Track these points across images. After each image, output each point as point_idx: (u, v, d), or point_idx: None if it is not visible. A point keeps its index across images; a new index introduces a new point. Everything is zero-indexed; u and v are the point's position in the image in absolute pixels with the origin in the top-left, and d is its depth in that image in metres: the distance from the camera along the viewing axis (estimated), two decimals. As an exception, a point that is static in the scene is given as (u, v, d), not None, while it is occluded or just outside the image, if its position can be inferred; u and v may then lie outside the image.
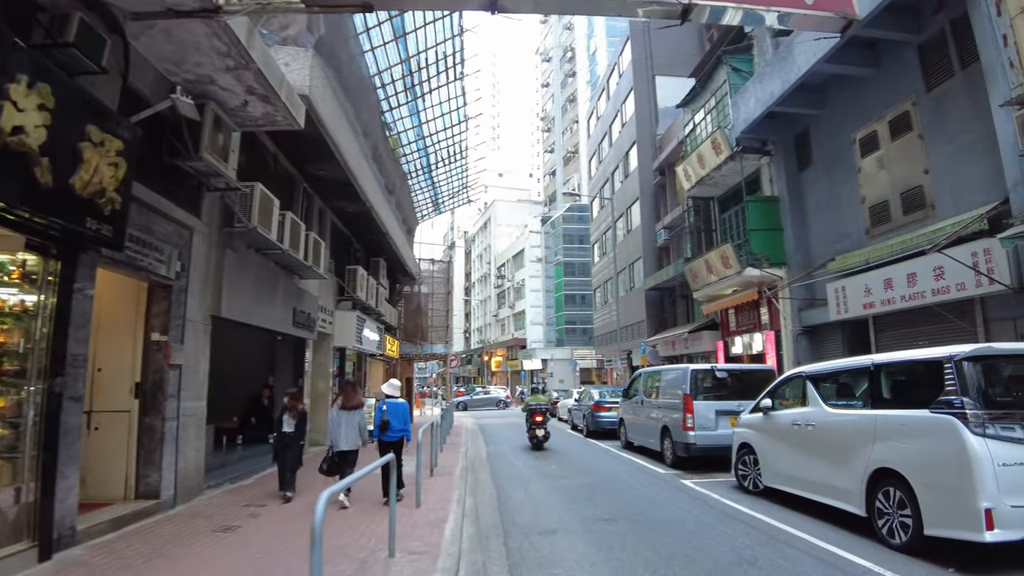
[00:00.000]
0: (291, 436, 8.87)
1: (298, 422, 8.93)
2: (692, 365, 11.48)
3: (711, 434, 10.86)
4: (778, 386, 8.43)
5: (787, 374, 8.33)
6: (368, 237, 18.02)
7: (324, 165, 12.36)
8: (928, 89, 12.48)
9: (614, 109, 34.14)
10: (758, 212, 18.21)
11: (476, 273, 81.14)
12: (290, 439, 8.86)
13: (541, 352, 54.27)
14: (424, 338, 25.67)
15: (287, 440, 8.86)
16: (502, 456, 14.16)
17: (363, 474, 5.27)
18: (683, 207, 24.58)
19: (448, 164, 22.32)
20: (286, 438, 8.87)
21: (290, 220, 10.57)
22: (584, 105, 62.83)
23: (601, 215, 36.81)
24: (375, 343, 19.09)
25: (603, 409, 17.71)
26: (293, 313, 11.85)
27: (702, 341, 22.33)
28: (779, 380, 8.43)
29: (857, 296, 13.78)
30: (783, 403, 8.28)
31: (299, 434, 8.97)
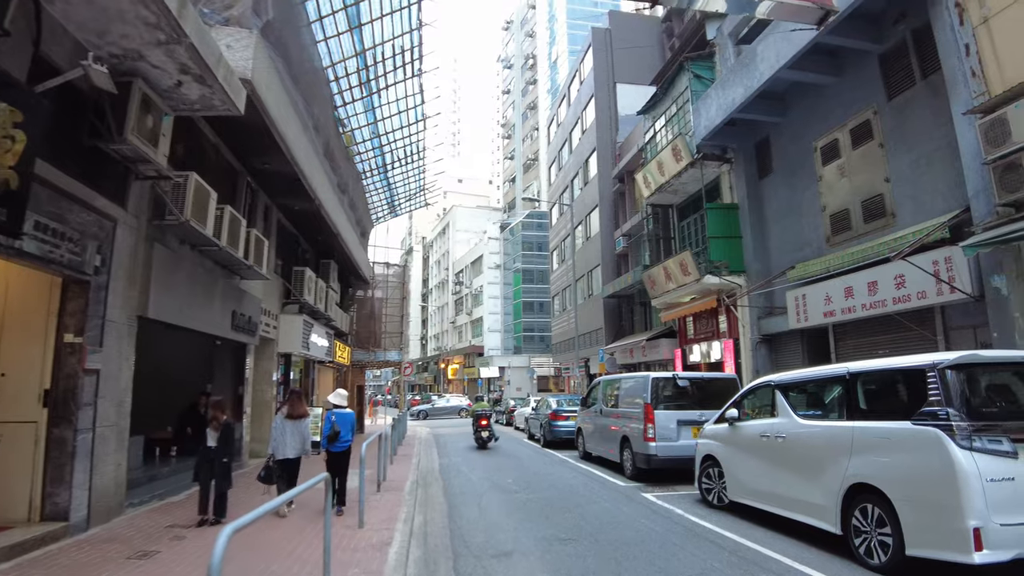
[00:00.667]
0: (215, 452, 7.71)
1: (222, 435, 7.79)
2: (653, 373, 11.10)
3: (673, 445, 10.48)
4: (744, 396, 8.07)
5: (754, 383, 7.97)
6: (318, 237, 17.20)
7: (269, 158, 11.60)
8: (889, 98, 12.48)
9: (575, 116, 33.98)
10: (717, 219, 18.09)
11: (434, 279, 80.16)
12: (214, 455, 7.70)
13: (498, 360, 53.67)
14: (377, 344, 24.78)
15: (211, 456, 7.71)
16: (456, 468, 13.53)
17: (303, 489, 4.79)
18: (642, 214, 24.43)
19: (405, 165, 21.62)
20: (209, 454, 7.74)
21: (229, 215, 9.78)
22: (545, 112, 62.86)
23: (560, 222, 36.56)
24: (324, 349, 18.21)
25: (561, 418, 17.23)
26: (232, 316, 11.03)
27: (660, 349, 22.13)
28: (745, 389, 8.07)
29: (817, 304, 13.69)
30: (750, 413, 7.92)
31: (224, 449, 7.76)
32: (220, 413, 7.87)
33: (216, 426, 7.79)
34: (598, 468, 12.76)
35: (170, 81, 7.49)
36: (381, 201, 24.97)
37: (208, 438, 7.80)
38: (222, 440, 7.77)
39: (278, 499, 4.29)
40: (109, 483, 7.74)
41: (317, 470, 6.25)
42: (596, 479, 11.34)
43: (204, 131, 10.54)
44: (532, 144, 66.34)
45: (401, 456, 15.26)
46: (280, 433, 8.32)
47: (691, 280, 18.07)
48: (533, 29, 69.61)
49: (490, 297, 58.34)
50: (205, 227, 8.91)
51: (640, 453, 10.69)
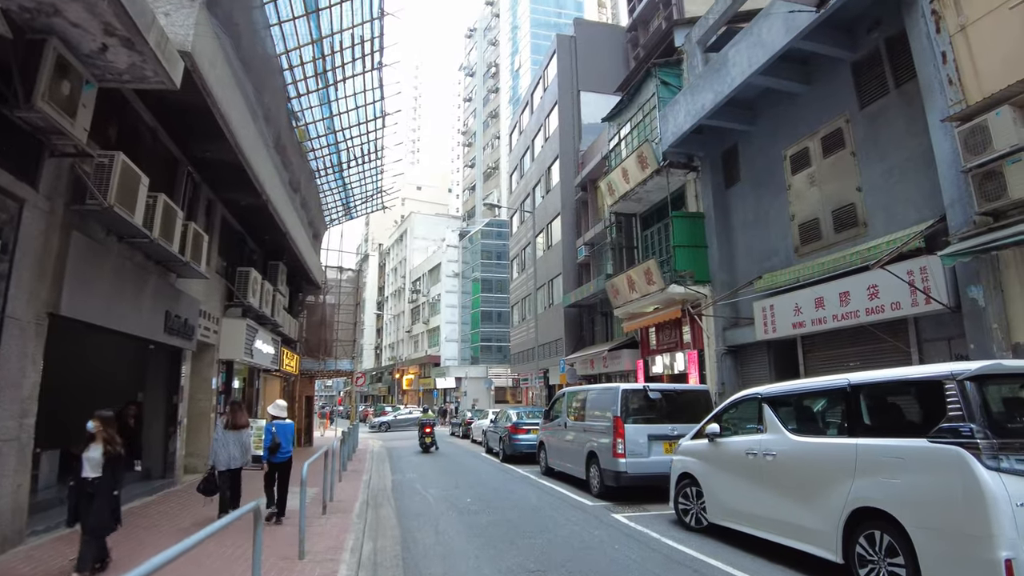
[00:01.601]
0: (96, 484, 5.89)
1: (107, 462, 5.94)
2: (622, 384, 10.50)
3: (644, 461, 9.87)
4: (726, 409, 7.50)
5: (738, 396, 7.41)
6: (266, 237, 16.12)
7: (212, 145, 10.62)
8: (862, 106, 12.30)
9: (537, 123, 33.56)
10: (683, 228, 17.73)
11: (390, 287, 78.57)
12: (95, 488, 5.88)
13: (455, 370, 52.60)
14: (328, 353, 23.59)
15: (90, 489, 5.88)
16: (410, 485, 12.63)
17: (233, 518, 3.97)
18: (605, 223, 24.05)
19: (361, 164, 20.67)
20: (87, 486, 5.88)
21: (163, 204, 8.78)
22: (506, 121, 62.57)
23: (521, 230, 36.01)
24: (269, 357, 17.07)
25: (521, 431, 16.49)
26: (166, 317, 9.97)
27: (622, 360, 21.66)
28: (728, 403, 7.50)
29: (786, 315, 13.37)
30: (732, 429, 7.35)
31: (109, 481, 5.99)
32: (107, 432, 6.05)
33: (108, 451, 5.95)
34: (562, 485, 12.06)
35: (93, 44, 6.56)
36: (336, 202, 23.92)
37: (84, 466, 5.91)
38: (108, 468, 5.96)
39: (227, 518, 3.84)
40: (5, 507, 6.64)
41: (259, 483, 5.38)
42: (561, 498, 10.64)
43: (140, 112, 9.54)
44: (493, 152, 65.90)
45: (351, 472, 14.27)
46: (222, 444, 8.26)
47: (655, 289, 17.65)
48: (496, 37, 69.37)
49: (448, 306, 57.32)
50: (133, 215, 7.91)
51: (608, 470, 10.03)
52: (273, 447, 8.41)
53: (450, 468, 15.76)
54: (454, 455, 19.64)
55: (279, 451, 8.44)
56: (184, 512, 8.86)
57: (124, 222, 7.92)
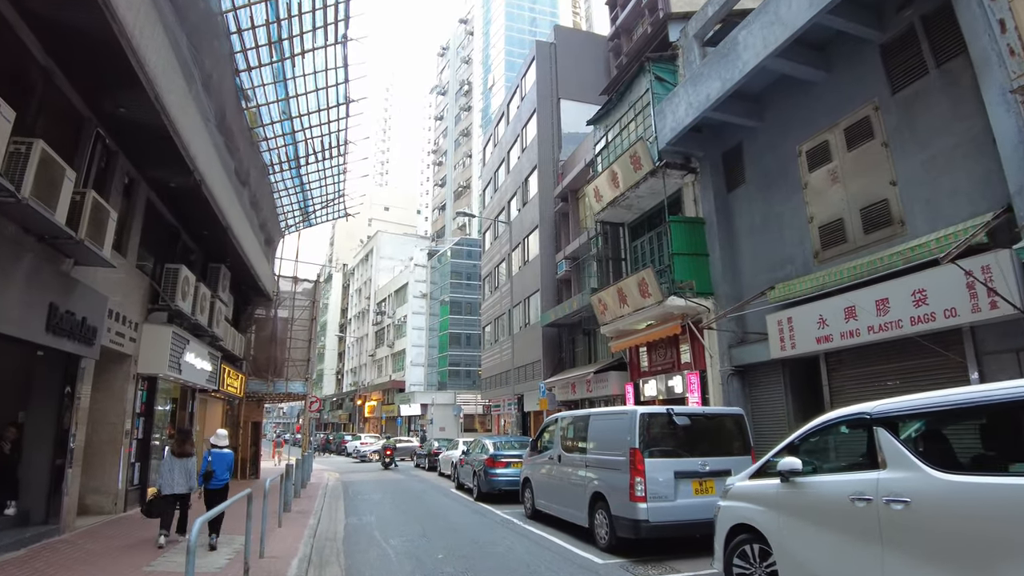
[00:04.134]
0: None
1: None
2: (640, 407, 8.41)
3: (669, 506, 7.79)
4: (811, 435, 5.50)
5: (829, 417, 5.38)
6: (204, 232, 13.78)
7: (126, 97, 8.42)
8: (894, 91, 10.85)
9: (514, 134, 31.87)
10: (682, 234, 15.99)
11: (353, 308, 75.50)
12: None
13: (421, 396, 49.78)
14: (278, 374, 20.98)
15: None
16: (367, 533, 10.28)
17: None
18: (588, 235, 22.25)
19: (322, 161, 18.51)
20: None
21: (40, 154, 6.54)
22: (478, 140, 61.20)
23: (494, 247, 34.04)
24: (205, 375, 14.56)
25: (500, 465, 14.21)
26: (50, 312, 7.60)
27: (608, 383, 19.67)
28: (811, 428, 5.48)
29: (807, 328, 11.64)
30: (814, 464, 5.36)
31: None
32: None
33: None
34: (556, 533, 9.87)
35: None
36: (292, 204, 21.61)
37: None
38: None
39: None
40: None
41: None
42: (559, 552, 8.44)
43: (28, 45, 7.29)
44: (464, 171, 64.30)
45: (296, 514, 11.84)
46: (168, 470, 8.66)
47: (651, 303, 15.78)
48: (469, 55, 68.29)
49: (414, 328, 54.70)
50: (-18, 160, 5.66)
51: (623, 517, 7.89)
52: (207, 475, 8.67)
53: (415, 508, 13.41)
54: (420, 492, 17.24)
55: (213, 479, 8.67)
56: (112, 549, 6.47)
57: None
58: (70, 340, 8.10)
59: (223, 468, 8.75)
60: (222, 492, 8.68)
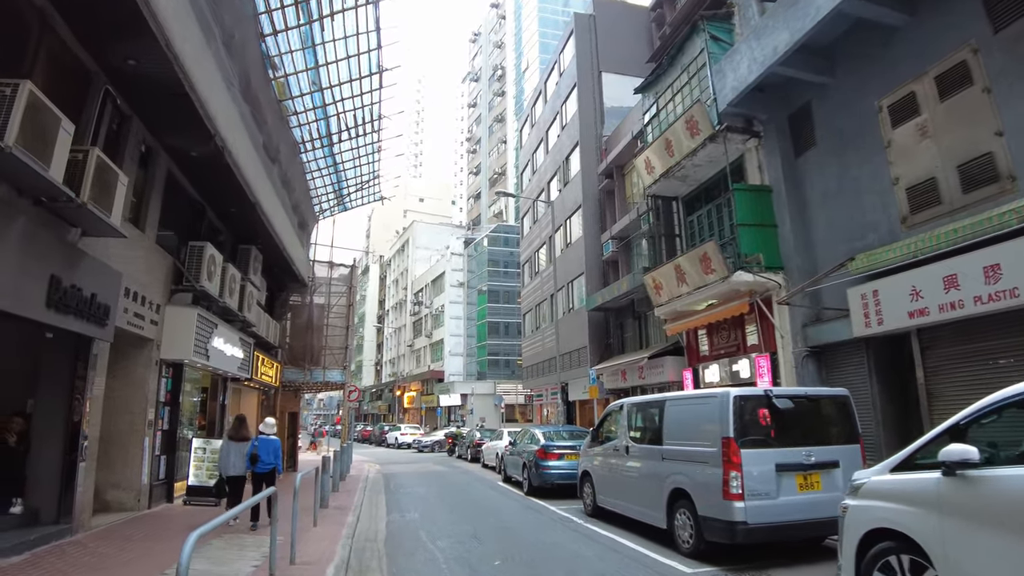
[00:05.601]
0: None
1: None
2: (733, 389, 7.12)
3: (771, 505, 6.51)
4: (985, 415, 4.21)
5: (1012, 392, 4.09)
6: (232, 209, 12.88)
7: (135, 47, 7.45)
8: (997, 29, 9.51)
9: (552, 111, 30.50)
10: (747, 204, 14.59)
11: (391, 300, 75.14)
12: None
13: (460, 386, 48.95)
14: (315, 362, 20.19)
15: None
16: (412, 533, 9.22)
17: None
18: (636, 211, 20.86)
19: (355, 137, 17.53)
20: None
21: (26, 97, 5.57)
22: (512, 124, 59.99)
23: (533, 231, 32.77)
24: (237, 362, 13.70)
25: (552, 457, 13.02)
26: (51, 285, 6.67)
27: (663, 370, 18.33)
28: (990, 404, 4.18)
29: (897, 302, 10.30)
30: (991, 452, 4.09)
31: None
32: None
33: None
34: (626, 534, 8.67)
35: None
36: (326, 186, 20.73)
37: None
38: None
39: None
40: None
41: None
42: (634, 558, 7.24)
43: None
44: (499, 158, 63.14)
45: (334, 509, 10.91)
46: (226, 454, 9.54)
47: (715, 279, 14.41)
48: (502, 40, 66.91)
49: (452, 318, 53.83)
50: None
51: (714, 519, 6.64)
52: (252, 458, 9.24)
53: (462, 504, 12.36)
54: (465, 485, 16.22)
55: (259, 463, 9.22)
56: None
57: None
58: (77, 319, 7.18)
59: (269, 453, 9.26)
60: (268, 476, 9.19)
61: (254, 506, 8.75)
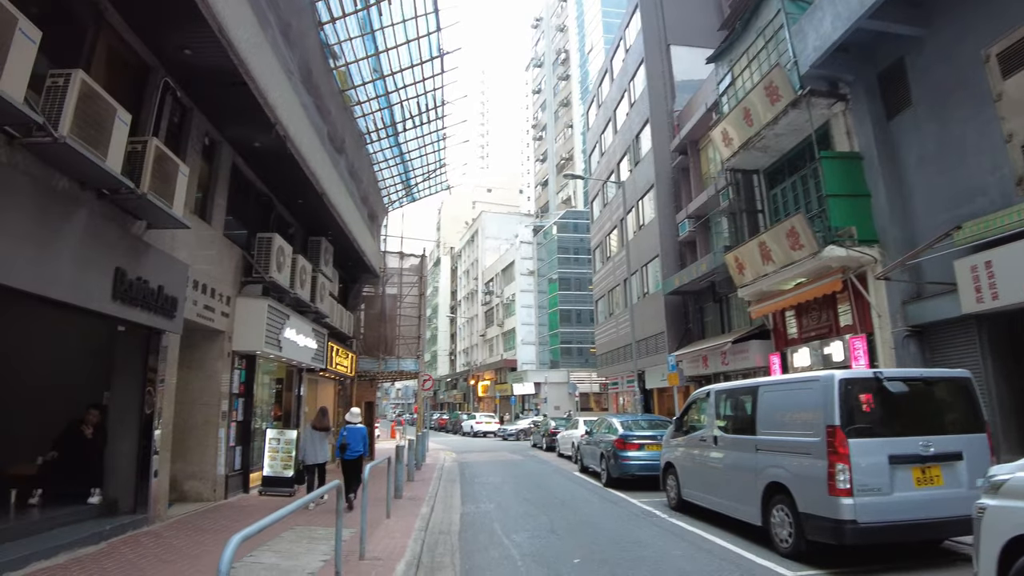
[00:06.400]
0: None
1: None
2: (838, 372, 6.31)
3: (884, 502, 5.73)
4: None
5: None
6: (300, 200, 12.88)
7: (191, 35, 7.34)
8: None
9: (620, 90, 29.48)
10: (836, 173, 13.45)
11: (462, 290, 75.74)
12: None
13: (533, 375, 48.67)
14: (389, 351, 20.29)
15: None
16: (486, 526, 8.88)
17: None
18: (715, 188, 19.77)
19: (419, 126, 17.34)
20: None
21: (78, 87, 5.47)
22: (578, 109, 58.92)
23: (604, 215, 31.89)
24: (311, 352, 13.77)
25: (631, 447, 12.40)
26: (116, 277, 6.66)
27: (749, 355, 17.29)
28: None
29: (1016, 273, 9.22)
30: None
31: None
32: None
33: None
34: (715, 531, 8.02)
35: None
36: (393, 177, 20.69)
37: None
38: None
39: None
40: None
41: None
42: (728, 559, 6.59)
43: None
44: (566, 143, 62.16)
45: (408, 500, 10.74)
46: (310, 443, 10.10)
47: (804, 255, 13.36)
48: (564, 23, 65.71)
49: (523, 306, 53.53)
50: None
51: (818, 516, 5.91)
52: (341, 447, 9.89)
53: (538, 495, 11.95)
54: (540, 475, 15.83)
55: (347, 450, 9.83)
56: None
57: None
58: (144, 311, 7.17)
59: (357, 441, 9.92)
60: (356, 462, 9.76)
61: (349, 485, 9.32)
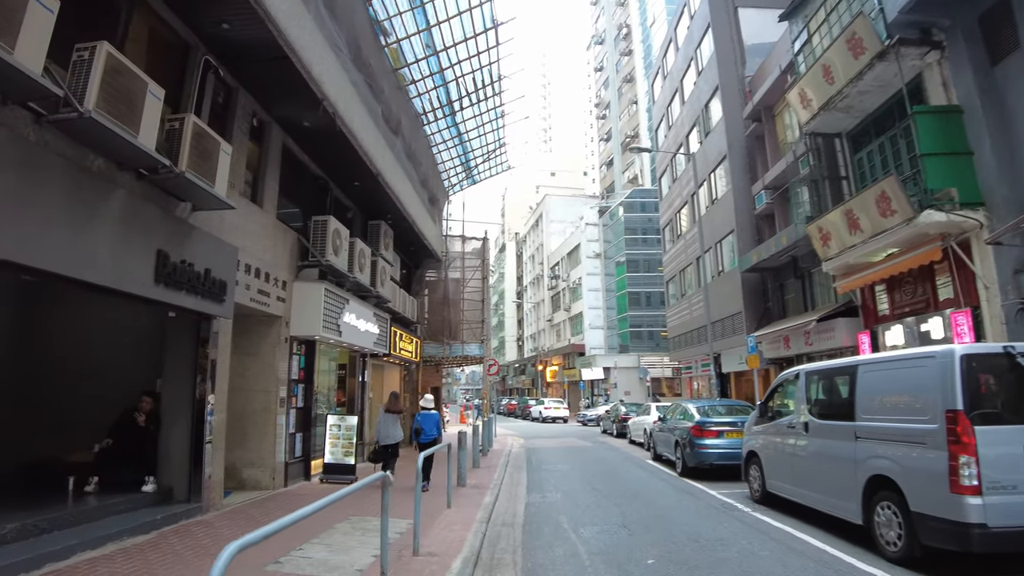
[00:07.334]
0: None
1: None
2: (959, 347, 5.37)
3: (1021, 502, 4.79)
4: None
5: None
6: (356, 183, 12.60)
7: (226, 9, 7.00)
8: None
9: (686, 59, 28.02)
10: (931, 129, 12.07)
11: (528, 275, 75.28)
12: None
13: (602, 359, 47.69)
14: (453, 336, 20.01)
15: None
16: (552, 519, 8.32)
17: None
18: (793, 154, 18.35)
19: (477, 103, 16.80)
20: None
21: (103, 59, 5.18)
22: (642, 84, 57.04)
23: (673, 191, 30.54)
24: (372, 337, 13.55)
25: (708, 434, 11.55)
26: (158, 261, 6.42)
27: (835, 334, 15.98)
28: None
29: None
30: None
31: None
32: None
33: None
34: (805, 528, 7.19)
35: None
36: (453, 160, 20.28)
37: None
38: None
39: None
40: None
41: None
42: (825, 563, 5.78)
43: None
44: (630, 120, 60.36)
45: (471, 489, 10.32)
46: (384, 425, 10.58)
47: (897, 222, 12.08)
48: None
49: (589, 290, 52.48)
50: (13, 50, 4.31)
51: (935, 517, 5.02)
52: (416, 431, 10.56)
53: (608, 484, 11.32)
54: (611, 462, 15.17)
55: (422, 434, 10.45)
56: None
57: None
58: (191, 295, 6.96)
59: (430, 426, 10.52)
60: (430, 445, 9.89)
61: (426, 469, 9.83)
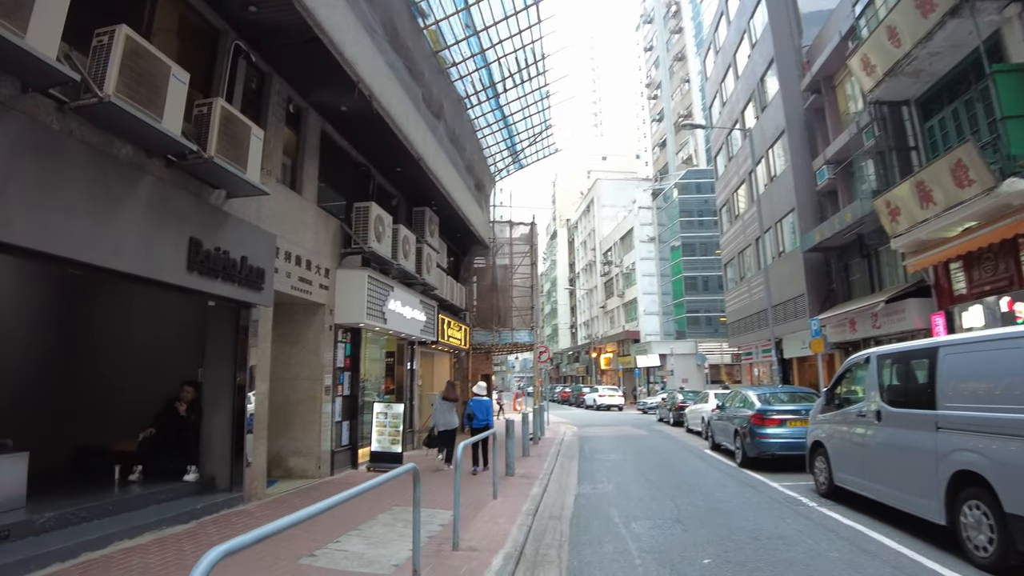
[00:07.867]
0: None
1: None
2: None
3: None
4: None
5: None
6: (398, 168, 12.41)
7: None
8: None
9: (739, 31, 26.79)
10: (1015, 88, 10.96)
11: (580, 262, 74.41)
12: None
13: (658, 346, 46.62)
14: (503, 323, 19.75)
15: None
16: (602, 512, 7.93)
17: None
18: (856, 125, 17.22)
19: (521, 84, 16.37)
20: None
21: (123, 42, 5.05)
22: (694, 62, 55.29)
23: (730, 169, 29.38)
24: (419, 324, 13.41)
25: (770, 423, 10.92)
26: (190, 248, 6.33)
27: (905, 316, 14.97)
28: None
29: None
30: None
31: None
32: None
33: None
34: (877, 525, 6.62)
35: None
36: (499, 144, 19.93)
37: None
38: None
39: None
40: None
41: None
42: (899, 567, 5.20)
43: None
44: (683, 99, 58.63)
45: (520, 478, 10.04)
46: (440, 412, 11.31)
47: (975, 193, 11.11)
48: (675, -27, 61.76)
49: (644, 275, 51.36)
50: (24, 35, 4.19)
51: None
52: (469, 416, 10.91)
53: (663, 475, 10.86)
54: (666, 452, 14.66)
55: (474, 420, 10.81)
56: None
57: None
58: (227, 283, 6.86)
59: (482, 411, 10.91)
60: (483, 431, 10.26)
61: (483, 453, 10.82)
